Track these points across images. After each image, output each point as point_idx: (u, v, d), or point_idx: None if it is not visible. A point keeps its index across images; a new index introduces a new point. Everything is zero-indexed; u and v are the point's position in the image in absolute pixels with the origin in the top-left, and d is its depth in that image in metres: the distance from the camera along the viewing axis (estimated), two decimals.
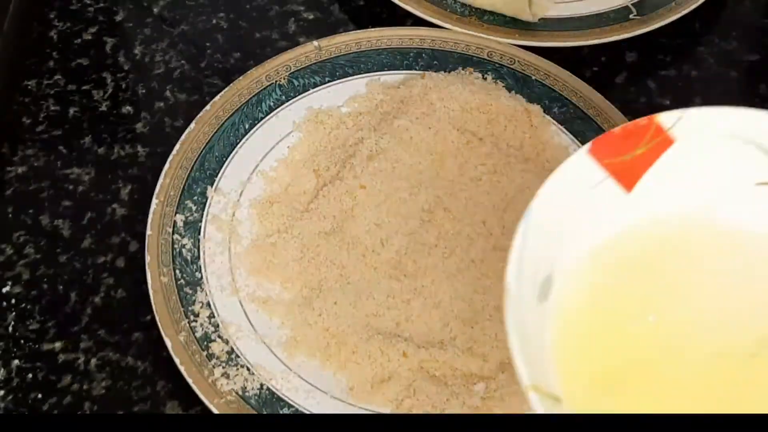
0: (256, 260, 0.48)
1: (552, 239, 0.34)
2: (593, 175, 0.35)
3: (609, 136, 0.35)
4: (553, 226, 0.34)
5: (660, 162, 0.36)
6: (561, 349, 0.34)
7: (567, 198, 0.34)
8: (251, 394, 0.43)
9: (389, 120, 0.52)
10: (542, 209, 0.33)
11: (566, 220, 0.35)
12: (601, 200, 0.35)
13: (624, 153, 0.35)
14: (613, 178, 0.35)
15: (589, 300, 0.36)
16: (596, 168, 0.35)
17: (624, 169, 0.35)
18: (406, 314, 0.46)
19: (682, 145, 0.36)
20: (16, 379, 0.45)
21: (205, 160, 0.51)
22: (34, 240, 0.50)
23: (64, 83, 0.57)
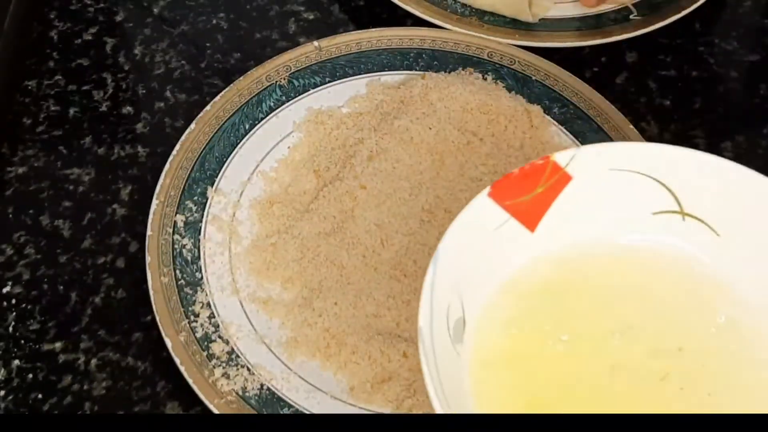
0: (256, 260, 0.48)
1: (461, 282, 0.35)
2: (496, 217, 0.36)
3: (508, 178, 0.36)
4: (460, 269, 0.35)
5: (560, 199, 0.37)
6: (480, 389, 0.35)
7: (472, 241, 0.35)
8: (251, 395, 0.43)
9: (389, 120, 0.52)
10: (449, 253, 0.34)
11: (473, 262, 0.36)
12: (506, 241, 0.37)
13: (524, 193, 0.37)
14: (515, 219, 0.36)
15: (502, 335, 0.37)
16: (498, 210, 0.36)
17: (526, 209, 0.37)
18: (407, 314, 0.46)
19: (580, 181, 0.37)
20: (16, 379, 0.45)
21: (206, 161, 0.51)
22: (35, 240, 0.50)
23: (64, 83, 0.57)
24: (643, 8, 0.59)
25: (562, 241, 0.38)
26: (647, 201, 0.38)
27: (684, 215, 0.38)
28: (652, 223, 0.38)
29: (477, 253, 0.36)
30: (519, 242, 0.37)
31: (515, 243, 0.37)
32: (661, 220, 0.38)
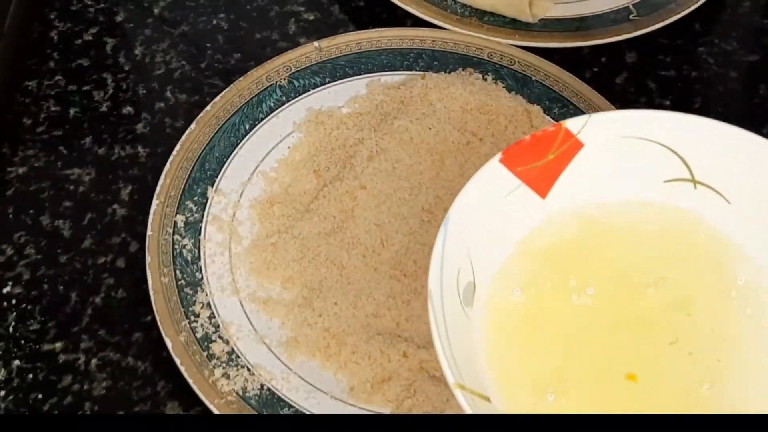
0: (256, 260, 0.48)
1: (471, 246, 0.35)
2: (507, 183, 0.36)
3: (519, 144, 0.36)
4: (471, 233, 0.35)
5: (571, 166, 0.37)
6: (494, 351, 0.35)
7: (483, 206, 0.35)
8: (252, 395, 0.43)
9: (389, 120, 0.52)
10: (460, 218, 0.34)
11: (484, 227, 0.36)
12: (517, 206, 0.36)
13: (535, 160, 0.36)
14: (526, 185, 0.36)
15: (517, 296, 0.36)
16: (510, 176, 0.36)
17: (537, 176, 0.36)
18: (407, 314, 0.46)
19: (592, 148, 0.37)
20: (16, 379, 0.45)
21: (206, 161, 0.51)
22: (35, 240, 0.50)
23: (64, 84, 0.57)
24: (643, 8, 0.59)
25: (574, 205, 0.37)
26: (659, 168, 0.38)
27: (695, 183, 0.38)
28: (664, 190, 0.38)
29: (487, 219, 0.35)
30: (530, 208, 0.37)
31: (526, 209, 0.37)
32: (673, 187, 0.38)
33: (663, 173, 0.38)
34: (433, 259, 0.33)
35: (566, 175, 0.37)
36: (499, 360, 0.35)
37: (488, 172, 0.36)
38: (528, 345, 0.36)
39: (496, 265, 0.36)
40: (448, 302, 0.33)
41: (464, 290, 0.35)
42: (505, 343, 0.36)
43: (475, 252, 0.35)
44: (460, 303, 0.34)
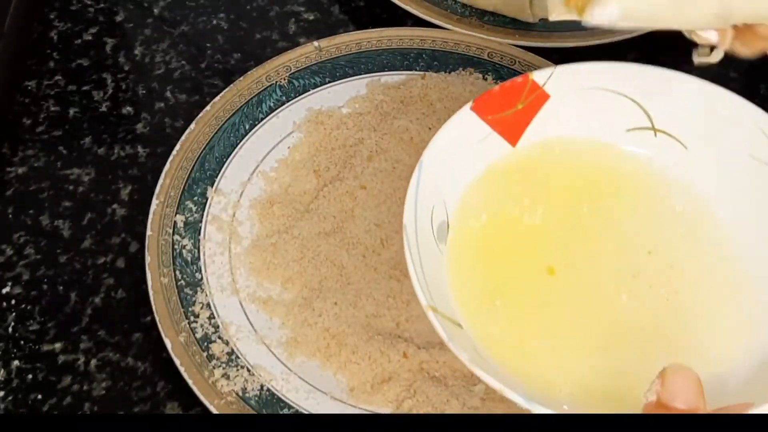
0: (256, 261, 0.48)
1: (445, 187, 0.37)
2: (479, 130, 0.38)
3: (489, 93, 0.38)
4: (444, 176, 0.37)
5: (539, 116, 0.40)
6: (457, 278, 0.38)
7: (456, 150, 0.38)
8: (251, 395, 0.43)
9: (389, 120, 0.52)
10: (432, 161, 0.37)
11: (457, 169, 0.38)
12: (488, 152, 0.39)
13: (505, 109, 0.39)
14: (497, 133, 0.39)
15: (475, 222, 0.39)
16: (481, 123, 0.38)
17: (507, 124, 0.39)
18: (407, 315, 0.46)
19: (557, 99, 0.40)
20: (16, 379, 0.45)
21: (206, 161, 0.51)
22: (35, 240, 0.50)
23: (64, 84, 0.57)
24: None
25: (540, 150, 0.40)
26: (621, 118, 0.41)
27: (655, 131, 0.41)
28: (626, 138, 0.41)
29: (460, 162, 0.38)
30: (501, 155, 0.39)
31: (497, 156, 0.39)
32: (635, 135, 0.41)
33: (625, 122, 0.41)
34: (408, 197, 0.36)
35: (534, 124, 0.40)
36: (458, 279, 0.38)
37: (460, 119, 0.38)
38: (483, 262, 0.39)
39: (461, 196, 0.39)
40: (422, 236, 0.36)
41: (438, 228, 0.37)
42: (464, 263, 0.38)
43: (448, 193, 0.38)
44: (434, 239, 0.37)
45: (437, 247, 0.37)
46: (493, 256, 0.39)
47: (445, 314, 0.35)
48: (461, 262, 0.38)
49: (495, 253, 0.39)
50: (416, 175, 0.36)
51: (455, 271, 0.38)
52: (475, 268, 0.38)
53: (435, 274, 0.36)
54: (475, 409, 0.43)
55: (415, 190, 0.36)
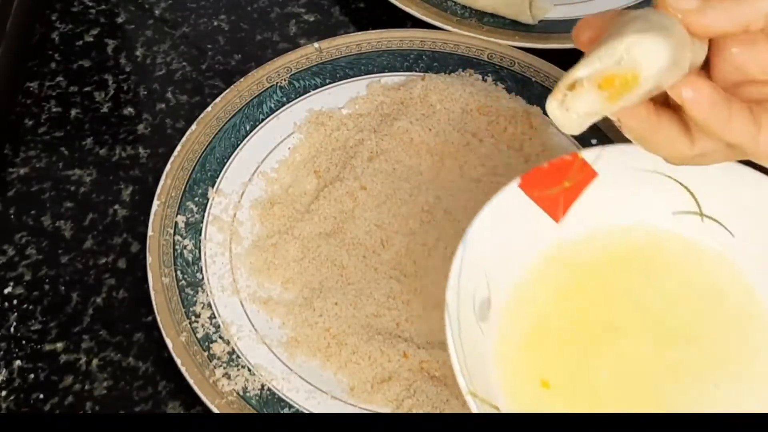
0: (257, 261, 0.48)
1: (488, 264, 0.37)
2: (524, 206, 0.38)
3: (537, 171, 0.38)
4: (487, 252, 0.37)
5: (585, 194, 0.39)
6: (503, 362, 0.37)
7: (500, 227, 0.37)
8: (252, 395, 0.43)
9: (389, 121, 0.52)
10: (477, 236, 0.36)
11: (500, 246, 0.37)
12: (532, 229, 0.38)
13: (552, 186, 0.38)
14: (542, 209, 0.38)
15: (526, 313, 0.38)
16: (527, 200, 0.38)
17: (553, 201, 0.38)
18: (407, 314, 0.46)
19: (605, 178, 0.39)
20: (18, 379, 0.45)
21: (207, 162, 0.51)
22: (36, 241, 0.50)
23: (65, 85, 0.58)
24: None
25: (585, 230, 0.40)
26: (668, 201, 0.40)
27: (703, 216, 0.40)
28: (673, 221, 0.40)
29: (504, 239, 0.37)
30: (544, 231, 0.39)
31: (541, 232, 0.38)
32: (681, 219, 0.40)
33: (672, 205, 0.40)
34: (451, 274, 0.35)
35: (580, 202, 0.39)
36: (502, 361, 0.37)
37: (507, 195, 0.38)
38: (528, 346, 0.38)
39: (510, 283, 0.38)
40: (463, 315, 0.35)
41: (480, 306, 0.36)
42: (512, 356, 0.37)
43: (491, 270, 0.37)
44: (474, 317, 0.36)
45: (478, 325, 0.36)
46: (537, 340, 0.38)
47: (484, 398, 0.35)
48: (505, 344, 0.37)
49: (540, 337, 0.38)
50: (461, 251, 0.36)
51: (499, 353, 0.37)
52: (520, 352, 0.37)
53: (475, 354, 0.35)
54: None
55: (459, 266, 0.36)
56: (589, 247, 0.40)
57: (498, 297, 0.37)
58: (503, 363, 0.37)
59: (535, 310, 0.38)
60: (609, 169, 0.39)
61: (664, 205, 0.40)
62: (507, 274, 0.38)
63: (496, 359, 0.37)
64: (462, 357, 0.34)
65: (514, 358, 0.37)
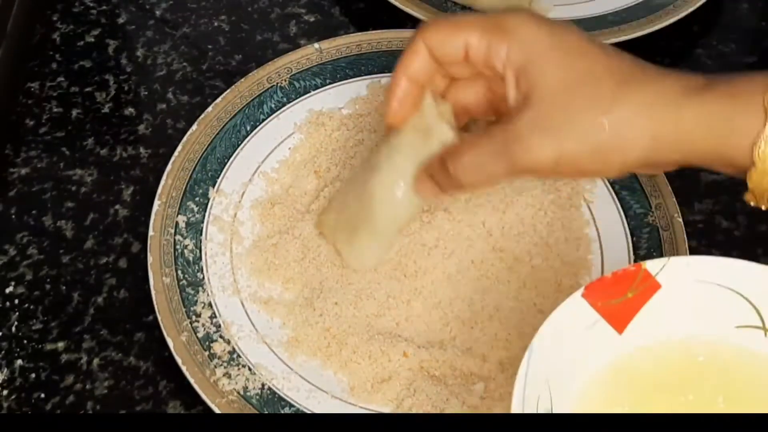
0: (257, 261, 0.48)
1: (551, 375, 0.37)
2: (587, 316, 0.38)
3: (601, 281, 0.38)
4: (551, 363, 0.37)
5: (648, 305, 0.39)
6: None
7: (564, 337, 0.38)
8: (253, 394, 0.43)
9: None
10: (542, 348, 0.37)
11: (564, 358, 0.38)
12: (595, 340, 0.39)
13: (615, 297, 0.39)
14: (605, 320, 0.38)
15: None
16: (590, 310, 0.38)
17: (615, 312, 0.39)
18: (407, 314, 0.46)
19: (668, 290, 0.39)
20: (19, 378, 0.46)
21: (207, 162, 0.51)
22: (37, 241, 0.50)
23: (66, 85, 0.58)
24: (642, 10, 0.59)
25: (647, 343, 0.40)
26: (731, 314, 0.40)
27: (766, 332, 0.39)
28: (735, 334, 0.40)
29: (567, 350, 0.38)
30: (607, 342, 0.39)
31: (603, 343, 0.39)
32: (744, 333, 0.40)
33: (735, 319, 0.40)
34: (517, 383, 0.35)
35: (643, 312, 0.39)
36: None
37: (571, 305, 0.38)
38: None
39: (572, 394, 0.38)
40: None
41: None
42: None
43: (553, 380, 0.37)
44: None
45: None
46: None
47: None
48: None
49: None
50: (526, 362, 0.36)
51: None
52: None
53: None
54: (474, 408, 0.43)
55: (524, 377, 0.36)
56: (651, 360, 0.40)
57: (560, 408, 0.37)
58: None
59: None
60: (672, 280, 0.39)
61: (727, 319, 0.40)
62: (569, 385, 0.38)
63: None
64: None
65: None
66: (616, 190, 0.51)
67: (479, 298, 0.46)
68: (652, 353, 0.40)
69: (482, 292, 0.47)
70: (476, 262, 0.48)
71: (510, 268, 0.48)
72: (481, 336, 0.45)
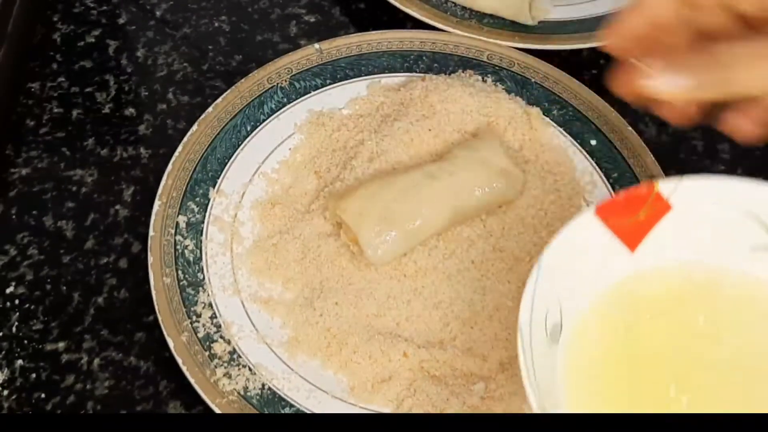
0: (257, 261, 0.48)
1: (560, 289, 0.37)
2: (599, 233, 0.38)
3: (614, 201, 0.38)
4: (561, 277, 0.37)
5: (660, 226, 0.39)
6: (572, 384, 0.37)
7: (575, 252, 0.37)
8: (253, 394, 0.43)
9: (390, 122, 0.53)
10: (552, 262, 0.36)
11: (574, 273, 0.38)
12: (606, 257, 0.38)
13: (627, 216, 0.38)
14: (617, 238, 0.38)
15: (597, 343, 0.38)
16: (602, 228, 0.38)
17: (627, 231, 0.38)
18: (407, 314, 0.46)
19: (680, 211, 0.39)
20: (19, 378, 0.46)
21: (208, 162, 0.51)
22: (38, 241, 0.51)
23: (67, 85, 0.58)
24: None
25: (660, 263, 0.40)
26: (745, 236, 0.39)
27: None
28: (749, 257, 0.39)
29: (578, 265, 0.38)
30: (618, 260, 0.39)
31: (615, 260, 0.39)
32: (757, 255, 0.39)
33: (749, 241, 0.39)
34: (525, 297, 0.36)
35: (655, 232, 0.39)
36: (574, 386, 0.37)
37: (582, 221, 0.38)
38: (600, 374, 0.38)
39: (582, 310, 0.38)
40: (535, 338, 0.36)
41: (551, 330, 0.37)
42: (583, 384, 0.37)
43: (564, 296, 0.37)
44: (546, 340, 0.36)
45: (549, 348, 0.37)
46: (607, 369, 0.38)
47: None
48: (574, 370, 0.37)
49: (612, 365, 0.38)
50: (534, 275, 0.36)
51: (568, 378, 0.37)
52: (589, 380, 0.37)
53: (546, 375, 0.36)
54: (474, 408, 0.43)
55: (532, 290, 0.36)
56: (660, 281, 0.40)
57: (569, 322, 0.37)
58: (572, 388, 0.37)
59: (604, 340, 0.38)
60: (685, 202, 0.39)
61: (740, 241, 0.39)
62: (578, 301, 0.38)
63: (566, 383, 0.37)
64: (533, 378, 0.34)
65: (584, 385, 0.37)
66: (616, 190, 0.51)
67: (479, 298, 0.47)
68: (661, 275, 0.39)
69: (482, 292, 0.47)
70: (476, 262, 0.48)
71: (510, 268, 0.48)
72: (481, 336, 0.46)
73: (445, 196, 0.47)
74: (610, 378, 0.37)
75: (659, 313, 0.39)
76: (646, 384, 0.37)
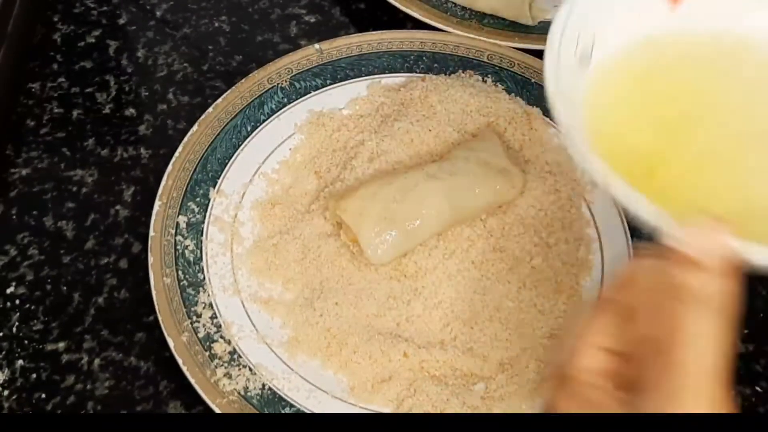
0: (257, 261, 0.48)
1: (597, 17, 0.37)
2: None
3: None
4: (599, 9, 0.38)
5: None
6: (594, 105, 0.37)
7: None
8: (253, 394, 0.43)
9: (390, 122, 0.53)
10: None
11: (613, 11, 0.38)
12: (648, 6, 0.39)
13: None
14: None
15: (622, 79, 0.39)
16: None
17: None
18: (407, 314, 0.46)
19: None
20: (20, 379, 0.46)
21: (208, 162, 0.51)
22: (38, 241, 0.51)
23: (67, 86, 0.58)
24: None
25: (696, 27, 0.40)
26: None
27: None
28: None
29: (618, 8, 0.38)
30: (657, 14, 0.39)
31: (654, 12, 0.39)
32: None
33: None
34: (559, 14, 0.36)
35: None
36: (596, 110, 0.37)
37: None
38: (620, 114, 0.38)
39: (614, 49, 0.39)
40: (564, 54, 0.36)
41: (581, 51, 0.37)
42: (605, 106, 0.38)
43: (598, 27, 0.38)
44: (574, 59, 0.37)
45: (577, 67, 0.37)
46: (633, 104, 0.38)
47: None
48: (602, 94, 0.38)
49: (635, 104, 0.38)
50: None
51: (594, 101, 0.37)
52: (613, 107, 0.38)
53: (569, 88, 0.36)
54: (474, 409, 0.43)
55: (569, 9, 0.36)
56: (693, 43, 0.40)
57: (599, 54, 0.38)
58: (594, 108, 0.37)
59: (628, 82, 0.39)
60: None
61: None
62: (612, 38, 0.38)
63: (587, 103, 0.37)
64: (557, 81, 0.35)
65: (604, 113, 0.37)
66: None
67: (479, 298, 0.47)
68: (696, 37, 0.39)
69: (482, 292, 0.47)
70: (476, 262, 0.48)
71: (510, 268, 0.48)
72: (481, 336, 0.46)
73: (445, 196, 0.47)
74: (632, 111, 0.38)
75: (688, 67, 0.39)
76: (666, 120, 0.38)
